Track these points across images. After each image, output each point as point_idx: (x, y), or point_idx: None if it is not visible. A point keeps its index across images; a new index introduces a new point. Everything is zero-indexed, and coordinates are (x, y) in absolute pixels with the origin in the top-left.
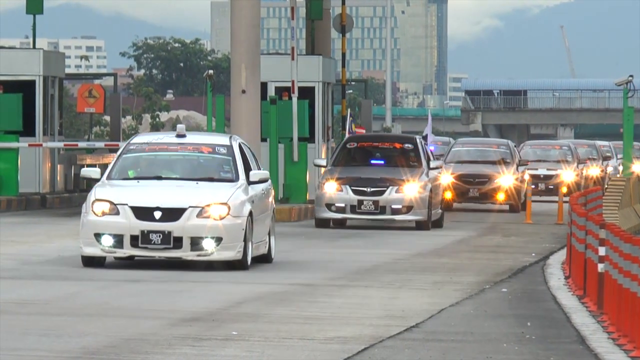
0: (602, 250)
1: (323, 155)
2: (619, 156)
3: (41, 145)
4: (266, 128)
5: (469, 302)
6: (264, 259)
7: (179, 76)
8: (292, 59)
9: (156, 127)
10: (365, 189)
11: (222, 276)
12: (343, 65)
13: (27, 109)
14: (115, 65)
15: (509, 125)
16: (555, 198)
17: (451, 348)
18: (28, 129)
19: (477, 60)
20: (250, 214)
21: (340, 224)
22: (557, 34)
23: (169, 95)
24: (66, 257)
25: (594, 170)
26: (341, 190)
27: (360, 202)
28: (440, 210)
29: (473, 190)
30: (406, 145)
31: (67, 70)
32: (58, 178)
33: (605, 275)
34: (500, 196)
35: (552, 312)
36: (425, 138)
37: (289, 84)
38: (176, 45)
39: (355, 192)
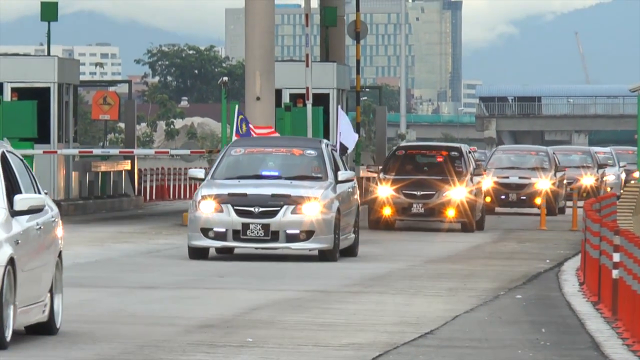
0: (616, 257)
1: None
2: (622, 163)
3: (56, 152)
4: (281, 135)
5: (483, 309)
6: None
7: (193, 83)
8: (307, 65)
9: (171, 134)
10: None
11: (236, 283)
12: (357, 72)
13: (42, 116)
14: (130, 72)
15: (523, 131)
16: (529, 210)
17: (466, 354)
18: (43, 136)
19: (492, 67)
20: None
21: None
22: (572, 40)
23: (184, 102)
24: (81, 264)
25: (587, 180)
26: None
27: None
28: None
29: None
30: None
31: (82, 77)
32: (73, 185)
33: (620, 282)
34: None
35: (566, 318)
36: (343, 141)
37: (304, 91)
38: (191, 52)
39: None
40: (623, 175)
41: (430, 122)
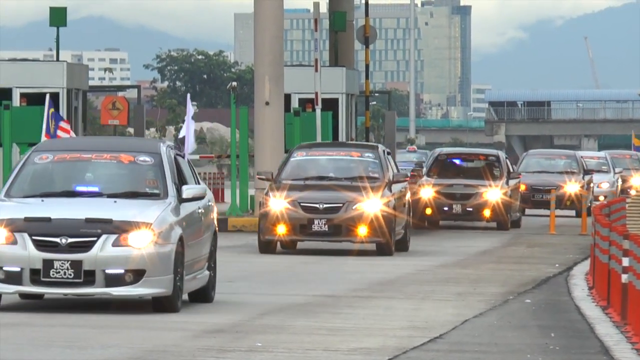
0: (625, 261)
1: None
2: (617, 169)
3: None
4: (290, 139)
5: (492, 313)
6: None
7: (202, 88)
8: (316, 70)
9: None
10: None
11: (245, 288)
12: (367, 77)
13: None
14: (139, 77)
15: (532, 136)
16: (476, 224)
17: (475, 359)
18: None
19: (501, 72)
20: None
21: None
22: (581, 45)
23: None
24: None
25: (571, 187)
26: None
27: None
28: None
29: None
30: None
31: (91, 83)
32: None
33: (629, 286)
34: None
35: (575, 322)
36: (182, 142)
37: (313, 96)
38: (200, 57)
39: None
40: (619, 182)
41: (439, 126)
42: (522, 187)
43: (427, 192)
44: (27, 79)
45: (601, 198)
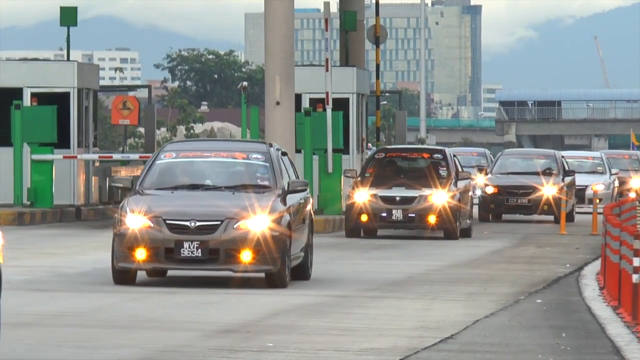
0: (636, 261)
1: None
2: (614, 170)
3: (76, 157)
4: (300, 139)
5: (503, 313)
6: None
7: (213, 88)
8: (327, 70)
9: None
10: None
11: (256, 287)
12: (377, 77)
13: (61, 121)
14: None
15: (543, 136)
16: (421, 233)
17: (486, 359)
18: (62, 141)
19: (511, 71)
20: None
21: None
22: (591, 44)
23: (204, 107)
24: (101, 269)
25: (549, 189)
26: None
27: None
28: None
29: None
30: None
31: (102, 82)
32: (93, 190)
33: None
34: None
35: (586, 323)
36: None
37: (324, 96)
38: (210, 56)
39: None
40: (616, 184)
41: (450, 126)
42: (494, 190)
43: (362, 195)
44: (37, 79)
45: (597, 200)
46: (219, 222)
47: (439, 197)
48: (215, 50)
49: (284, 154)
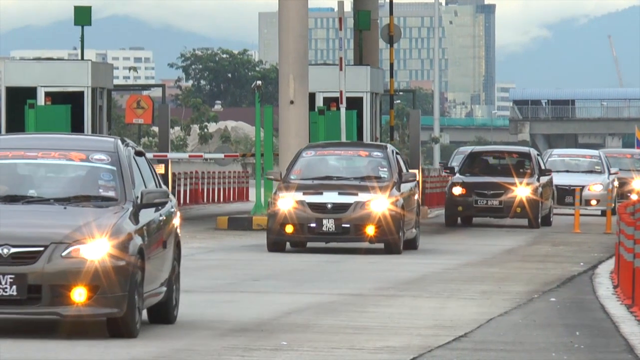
0: None
1: None
2: (613, 170)
3: None
4: (314, 138)
5: (517, 312)
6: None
7: (227, 87)
8: (340, 69)
9: (205, 138)
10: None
11: (270, 286)
12: (391, 76)
13: (75, 120)
14: (164, 76)
15: (557, 135)
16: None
17: (500, 358)
18: None
19: (525, 70)
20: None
21: None
22: (605, 43)
23: (217, 106)
24: None
25: (521, 190)
26: None
27: None
28: None
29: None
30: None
31: (116, 82)
32: None
33: None
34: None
35: (600, 321)
36: None
37: (337, 95)
38: (224, 56)
39: None
40: (615, 184)
41: (463, 125)
42: (462, 191)
43: (287, 202)
44: (51, 78)
45: (593, 202)
46: (42, 249)
47: (378, 204)
48: (229, 50)
49: (139, 153)
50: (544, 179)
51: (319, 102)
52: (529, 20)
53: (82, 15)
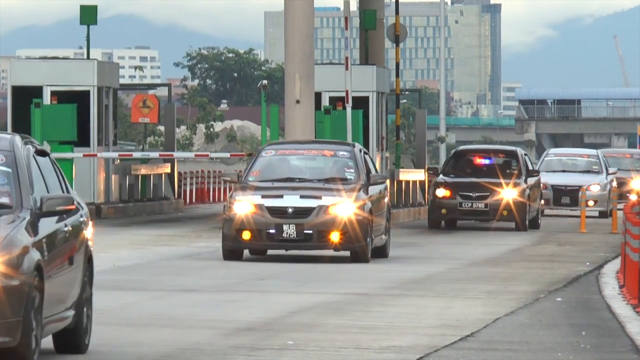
0: None
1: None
2: (611, 170)
3: (96, 155)
4: (320, 138)
5: (523, 312)
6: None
7: (233, 86)
8: (346, 68)
9: (210, 138)
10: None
11: (276, 286)
12: (397, 75)
13: (81, 120)
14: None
15: (562, 134)
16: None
17: (506, 357)
18: (82, 140)
19: (531, 70)
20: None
21: None
22: (611, 43)
23: (223, 106)
24: (121, 267)
25: (508, 192)
26: None
27: None
28: None
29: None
30: None
31: (121, 81)
32: (113, 188)
33: None
34: (591, 203)
35: (606, 321)
36: None
37: (343, 94)
38: (230, 55)
39: None
40: (614, 184)
41: (469, 125)
42: (447, 193)
43: (244, 206)
44: (57, 77)
45: (590, 203)
46: None
47: (344, 208)
48: (235, 49)
49: (41, 153)
50: (531, 180)
51: (325, 102)
52: (534, 20)
53: (88, 15)
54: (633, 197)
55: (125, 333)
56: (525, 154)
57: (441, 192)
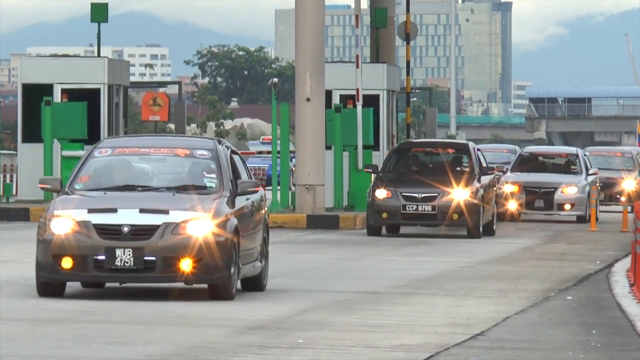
0: None
1: None
2: (592, 170)
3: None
4: (331, 136)
5: (534, 310)
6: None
7: (243, 84)
8: (357, 67)
9: (221, 135)
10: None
11: (286, 284)
12: (407, 73)
13: (91, 118)
14: (180, 73)
15: (573, 132)
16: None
17: (516, 356)
18: (93, 137)
19: (542, 68)
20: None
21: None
22: (622, 41)
23: (234, 103)
24: None
25: (459, 193)
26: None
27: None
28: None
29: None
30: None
31: (132, 79)
32: None
33: None
34: (567, 206)
35: (617, 319)
36: None
37: (354, 92)
38: (240, 53)
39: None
40: (596, 185)
41: (480, 123)
42: (387, 194)
43: (65, 224)
44: (68, 75)
45: (566, 207)
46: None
47: (199, 227)
48: (246, 47)
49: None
50: (485, 179)
51: (336, 100)
52: (545, 18)
53: (99, 12)
54: (623, 199)
55: (135, 331)
56: (479, 149)
57: (382, 194)
